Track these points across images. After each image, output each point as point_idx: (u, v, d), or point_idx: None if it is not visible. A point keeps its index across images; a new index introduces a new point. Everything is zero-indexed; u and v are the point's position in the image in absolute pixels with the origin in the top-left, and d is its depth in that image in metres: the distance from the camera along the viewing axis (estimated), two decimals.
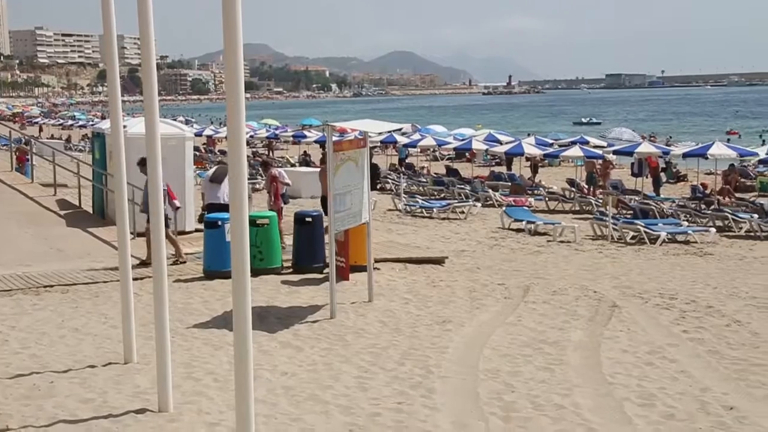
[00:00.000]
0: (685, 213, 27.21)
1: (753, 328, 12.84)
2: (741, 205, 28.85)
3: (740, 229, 25.21)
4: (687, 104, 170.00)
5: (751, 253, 21.13)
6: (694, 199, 30.53)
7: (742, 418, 8.80)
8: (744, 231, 25.02)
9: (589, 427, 8.49)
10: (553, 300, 14.83)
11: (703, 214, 26.96)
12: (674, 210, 27.71)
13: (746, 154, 32.11)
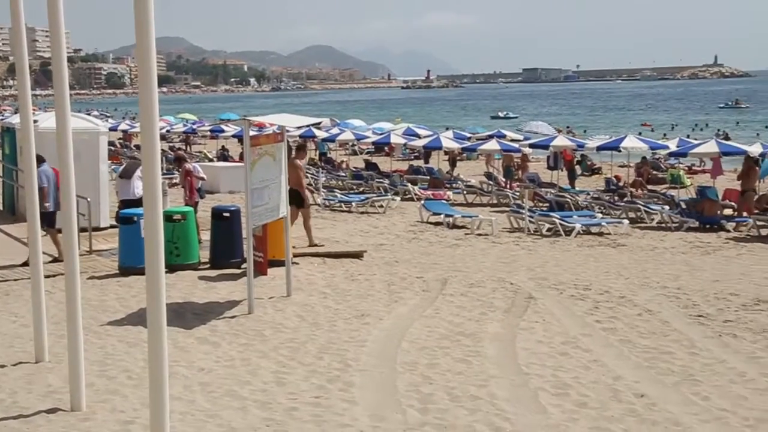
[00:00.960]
0: (599, 205, 27.72)
1: (663, 317, 13.14)
2: (653, 197, 29.49)
3: (652, 221, 25.77)
4: (601, 98, 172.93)
5: (662, 244, 21.61)
6: (608, 191, 31.09)
7: (652, 405, 9.00)
8: (655, 222, 25.58)
9: (505, 416, 8.60)
10: (471, 292, 14.97)
11: (616, 206, 27.50)
12: (589, 202, 28.20)
13: (657, 147, 32.80)
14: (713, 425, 8.43)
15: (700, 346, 11.49)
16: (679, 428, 8.32)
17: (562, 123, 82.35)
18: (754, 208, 24.58)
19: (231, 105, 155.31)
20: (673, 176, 35.83)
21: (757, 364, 10.64)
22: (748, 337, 11.95)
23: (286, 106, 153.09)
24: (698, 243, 21.73)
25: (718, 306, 13.92)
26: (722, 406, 8.99)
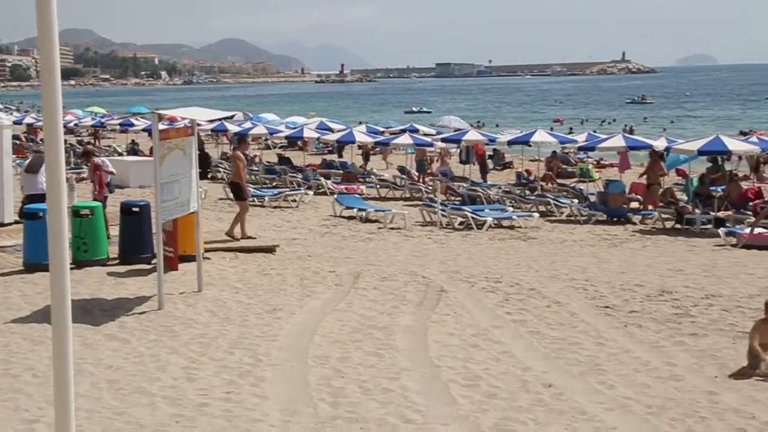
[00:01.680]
0: (510, 199, 28.09)
1: (571, 309, 13.39)
2: (562, 190, 30.00)
3: (561, 214, 26.21)
4: (512, 93, 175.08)
5: (571, 237, 22.00)
6: (519, 185, 31.52)
7: (559, 394, 9.17)
8: (565, 215, 26.03)
9: (416, 409, 8.67)
10: (383, 286, 15.04)
11: (527, 199, 27.89)
12: (500, 196, 28.56)
13: (566, 142, 33.33)
14: (617, 413, 8.63)
15: (606, 337, 11.74)
16: (585, 417, 8.49)
17: (474, 117, 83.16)
18: (659, 201, 25.17)
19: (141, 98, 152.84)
20: (582, 170, 36.46)
21: (660, 353, 10.92)
22: (653, 327, 12.25)
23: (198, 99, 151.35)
24: (606, 235, 22.18)
25: (624, 297, 14.24)
26: (626, 394, 9.20)
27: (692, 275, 16.29)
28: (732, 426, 8.26)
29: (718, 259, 18.32)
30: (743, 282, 15.54)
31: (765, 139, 28.98)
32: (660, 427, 8.24)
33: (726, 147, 23.62)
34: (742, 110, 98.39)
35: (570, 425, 8.28)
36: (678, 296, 14.27)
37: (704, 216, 23.07)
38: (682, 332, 11.98)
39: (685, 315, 12.99)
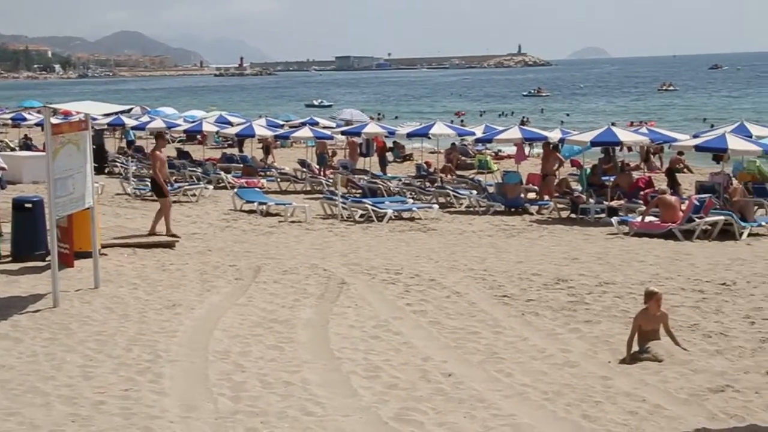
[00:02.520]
0: (410, 191, 28.27)
1: (470, 299, 13.58)
2: (461, 182, 30.31)
3: (461, 205, 26.51)
4: (412, 86, 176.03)
5: (470, 228, 22.27)
6: (419, 177, 31.73)
7: (459, 383, 9.31)
8: (464, 207, 26.33)
9: (317, 401, 8.70)
10: (284, 279, 15.01)
11: (427, 191, 28.12)
12: (400, 188, 28.72)
13: (465, 134, 33.71)
14: (515, 400, 8.81)
15: (504, 325, 11.95)
16: (484, 404, 8.64)
17: (374, 110, 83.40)
18: (554, 191, 25.66)
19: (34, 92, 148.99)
20: (481, 162, 36.91)
21: (556, 341, 11.17)
22: (549, 315, 12.52)
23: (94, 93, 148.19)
24: (504, 226, 22.51)
25: (521, 286, 14.50)
26: (524, 381, 9.40)
27: (587, 263, 16.67)
28: (624, 409, 8.51)
29: (611, 247, 18.79)
30: (635, 269, 15.98)
31: (654, 129, 29.76)
32: (556, 413, 8.44)
33: (617, 138, 24.21)
34: (632, 102, 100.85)
35: (469, 413, 8.41)
36: (573, 284, 14.60)
37: (598, 205, 23.63)
38: (577, 319, 12.28)
39: (580, 302, 13.30)
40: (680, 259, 17.08)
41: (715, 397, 8.84)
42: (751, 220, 20.69)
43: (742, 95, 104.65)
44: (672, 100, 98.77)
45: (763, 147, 23.10)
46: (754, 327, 11.68)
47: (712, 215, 20.28)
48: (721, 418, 8.23)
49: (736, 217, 20.29)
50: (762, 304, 12.65)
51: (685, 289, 14.13)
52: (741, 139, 23.18)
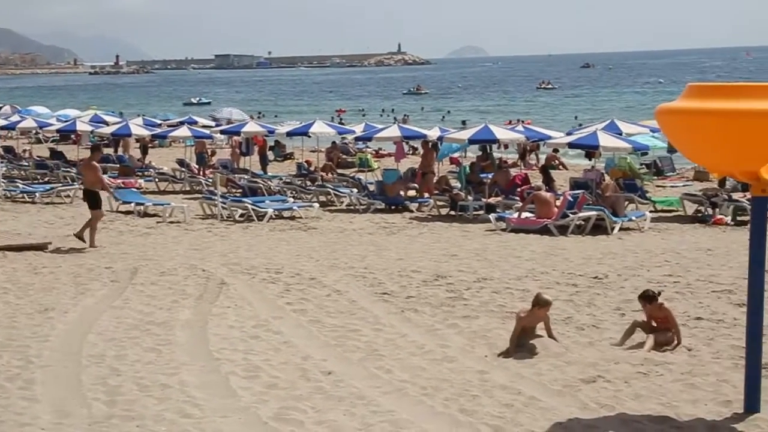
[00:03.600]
0: (291, 189, 28.17)
1: (351, 296, 13.63)
2: (342, 180, 30.35)
3: (341, 204, 26.56)
4: (293, 84, 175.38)
5: (350, 226, 22.33)
6: (300, 175, 31.64)
7: (339, 381, 9.34)
8: (345, 205, 26.38)
9: (195, 403, 8.59)
10: (162, 281, 14.78)
11: (307, 190, 28.07)
12: (281, 187, 28.58)
13: (345, 132, 33.75)
14: (394, 396, 8.88)
15: (384, 322, 12.03)
16: (363, 402, 8.69)
17: (254, 109, 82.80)
18: (434, 188, 25.95)
19: None
20: (362, 160, 37.06)
21: (435, 336, 11.30)
22: (428, 311, 12.66)
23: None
24: (384, 224, 22.65)
25: (401, 283, 14.63)
26: (403, 377, 9.49)
27: (465, 260, 16.92)
28: (500, 402, 8.68)
29: (489, 243, 19.12)
30: (512, 265, 16.30)
31: (530, 127, 30.45)
32: (434, 408, 8.54)
33: (494, 135, 24.64)
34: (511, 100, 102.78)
35: (348, 411, 8.44)
36: (452, 280, 14.81)
37: (476, 202, 24.00)
38: (455, 315, 12.45)
39: (458, 298, 13.50)
40: (555, 254, 17.50)
41: (587, 387, 9.09)
42: (622, 215, 21.31)
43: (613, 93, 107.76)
44: (549, 98, 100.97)
45: (632, 144, 23.86)
46: (624, 319, 12.05)
47: (585, 211, 20.83)
48: (592, 408, 8.47)
49: (608, 212, 20.89)
50: (631, 297, 13.04)
51: (560, 283, 14.50)
52: (612, 136, 23.89)
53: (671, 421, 8.15)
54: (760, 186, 7.94)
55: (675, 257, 16.87)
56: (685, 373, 9.55)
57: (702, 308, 12.59)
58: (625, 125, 27.93)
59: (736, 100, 7.51)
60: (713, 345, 10.67)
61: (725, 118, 7.49)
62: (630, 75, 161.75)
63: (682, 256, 16.93)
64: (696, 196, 24.13)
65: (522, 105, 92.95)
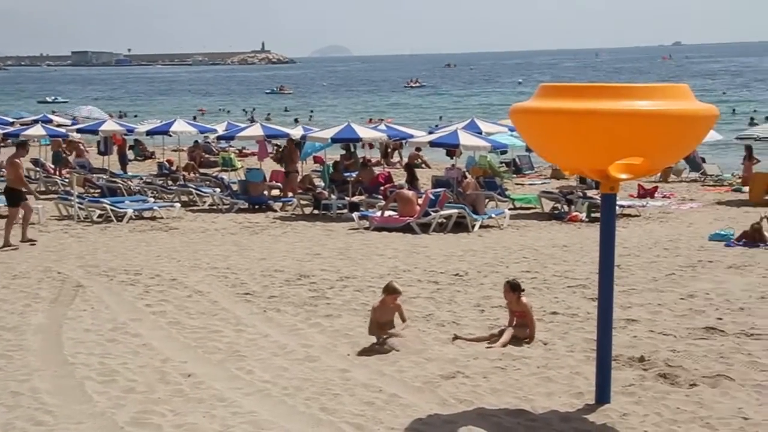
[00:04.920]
0: (152, 189, 27.64)
1: (212, 297, 13.46)
2: (205, 180, 29.95)
3: (204, 203, 26.21)
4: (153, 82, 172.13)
5: (213, 226, 22.06)
6: (161, 175, 31.08)
7: (199, 383, 9.20)
8: (207, 205, 26.05)
9: (47, 410, 8.33)
10: (14, 284, 14.29)
11: (169, 190, 27.59)
12: (142, 187, 28.01)
13: (206, 131, 33.30)
14: (255, 397, 8.81)
15: (246, 323, 11.93)
16: (224, 403, 8.59)
17: (114, 107, 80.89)
18: (297, 188, 25.88)
19: None
20: (225, 159, 36.67)
21: (297, 336, 11.27)
22: (291, 311, 12.62)
23: None
24: (247, 223, 22.47)
25: (264, 283, 14.53)
26: (264, 378, 9.42)
27: (329, 258, 16.94)
28: (361, 400, 8.71)
29: (353, 242, 19.19)
30: (375, 263, 16.41)
31: (392, 126, 30.71)
32: (296, 407, 8.51)
33: (357, 134, 24.75)
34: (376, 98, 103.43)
35: (208, 413, 8.33)
36: (315, 279, 14.80)
37: (340, 201, 24.06)
38: (318, 314, 12.44)
39: (321, 297, 13.50)
40: (417, 252, 17.70)
41: (446, 383, 9.22)
42: (482, 213, 21.71)
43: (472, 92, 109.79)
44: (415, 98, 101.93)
45: (492, 143, 24.34)
46: (484, 315, 12.29)
47: (446, 209, 21.14)
48: (451, 403, 8.60)
49: (469, 210, 21.26)
50: (491, 293, 13.32)
51: (422, 281, 14.67)
52: (472, 135, 24.32)
53: (527, 414, 8.35)
54: (609, 184, 8.22)
55: (532, 253, 17.31)
56: (541, 366, 9.80)
57: (557, 303, 12.95)
58: (485, 124, 28.54)
59: (585, 100, 7.74)
60: (567, 339, 10.98)
61: (575, 118, 7.71)
62: (490, 74, 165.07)
63: (540, 253, 17.39)
64: (552, 193, 24.82)
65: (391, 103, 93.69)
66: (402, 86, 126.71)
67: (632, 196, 26.30)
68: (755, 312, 12.17)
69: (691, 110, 7.86)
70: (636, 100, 7.66)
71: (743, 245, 17.58)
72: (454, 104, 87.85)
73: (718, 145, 35.63)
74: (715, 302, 12.76)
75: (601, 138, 7.73)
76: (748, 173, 27.80)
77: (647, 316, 12.06)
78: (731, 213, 23.08)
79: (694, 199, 26.34)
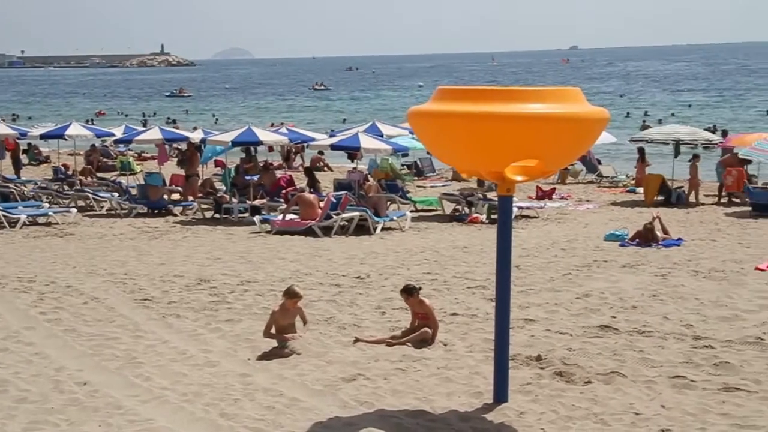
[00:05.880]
0: (47, 194, 26.98)
1: (110, 304, 13.22)
2: (102, 184, 29.39)
3: (102, 208, 25.71)
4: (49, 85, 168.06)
5: (111, 231, 21.63)
6: (57, 180, 30.35)
7: (94, 391, 9.03)
8: (105, 210, 25.56)
9: None
10: None
11: (65, 194, 26.98)
12: (36, 192, 27.33)
13: (103, 135, 32.64)
14: (153, 404, 8.69)
15: (144, 329, 11.75)
16: (121, 411, 8.45)
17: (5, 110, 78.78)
18: (198, 191, 25.58)
19: None
20: (123, 163, 36.00)
21: (197, 341, 11.15)
22: (191, 316, 12.48)
23: None
24: (147, 228, 22.11)
25: (163, 288, 14.34)
26: (163, 384, 9.29)
27: (229, 263, 16.80)
28: (261, 404, 8.67)
29: (254, 246, 19.06)
30: (276, 266, 16.33)
31: (293, 129, 30.56)
32: (194, 413, 8.42)
33: (257, 138, 24.57)
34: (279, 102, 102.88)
35: (104, 421, 8.19)
36: (216, 284, 14.67)
37: (241, 205, 23.87)
38: (218, 319, 12.34)
39: (222, 302, 13.39)
40: (319, 255, 17.68)
41: (347, 386, 9.24)
42: (383, 216, 21.81)
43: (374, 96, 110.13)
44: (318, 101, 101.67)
45: (393, 146, 24.46)
46: (385, 317, 12.36)
47: (348, 211, 21.16)
48: (352, 406, 8.62)
49: (370, 212, 21.32)
50: (392, 295, 13.39)
51: (323, 284, 14.67)
52: (373, 138, 24.39)
53: (427, 415, 8.42)
54: (505, 185, 8.35)
55: (433, 255, 17.45)
56: (441, 367, 9.90)
57: (458, 304, 13.10)
58: (386, 127, 28.66)
59: (480, 103, 7.84)
60: (467, 339, 11.11)
61: (470, 120, 7.81)
62: (393, 78, 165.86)
63: (440, 254, 17.55)
64: (453, 195, 25.05)
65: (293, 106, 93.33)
66: (308, 89, 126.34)
67: (531, 197, 26.75)
68: (647, 310, 12.51)
69: (583, 113, 8.04)
70: (529, 104, 7.81)
71: (636, 245, 18.07)
72: (357, 107, 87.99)
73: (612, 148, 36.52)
74: (610, 301, 13.08)
75: (495, 140, 7.85)
76: (641, 175, 28.53)
77: (544, 315, 12.29)
78: (626, 213, 23.66)
79: (590, 200, 26.91)
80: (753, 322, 11.78)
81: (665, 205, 24.71)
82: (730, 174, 25.34)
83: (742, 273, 15.10)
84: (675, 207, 24.49)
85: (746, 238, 19.21)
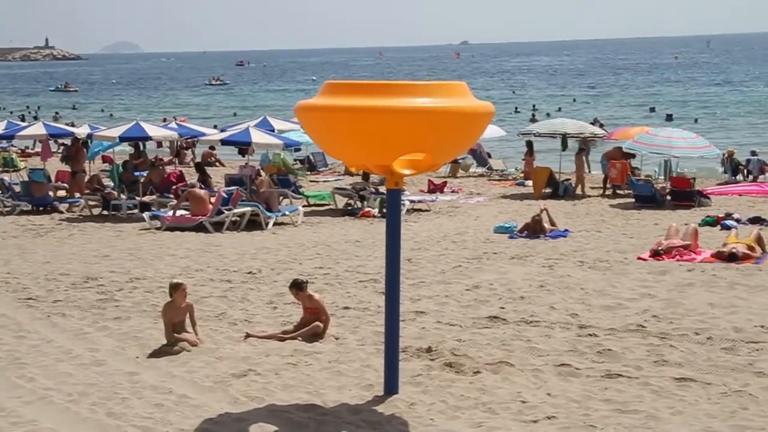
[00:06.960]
0: None
1: None
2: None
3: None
4: None
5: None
6: None
7: None
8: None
9: None
10: None
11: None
12: None
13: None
14: (37, 405, 8.50)
15: (28, 329, 11.47)
16: (3, 413, 8.24)
17: None
18: (85, 188, 25.03)
19: None
20: (5, 159, 34.99)
21: (84, 340, 10.93)
22: (77, 315, 12.22)
23: None
24: (31, 226, 21.50)
25: (48, 287, 14.00)
26: (47, 385, 9.09)
27: (118, 260, 16.50)
28: (150, 402, 8.55)
29: (144, 242, 18.75)
30: (166, 263, 16.11)
31: (184, 125, 30.18)
32: (80, 414, 8.27)
33: (146, 133, 24.17)
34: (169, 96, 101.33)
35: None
36: (103, 282, 14.40)
37: (130, 201, 23.43)
38: (106, 317, 12.11)
39: (110, 300, 13.14)
40: (210, 251, 17.50)
41: (238, 382, 9.19)
42: (276, 210, 21.71)
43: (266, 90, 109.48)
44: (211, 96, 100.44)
45: (284, 140, 24.37)
46: (276, 312, 12.33)
47: (240, 207, 20.99)
48: (242, 402, 8.58)
49: (263, 207, 21.20)
50: (283, 290, 13.33)
51: (214, 280, 14.54)
52: (264, 133, 24.26)
53: (318, 409, 8.44)
54: (394, 179, 8.42)
55: (326, 249, 17.47)
56: (332, 361, 9.93)
57: (349, 298, 13.15)
58: (277, 122, 28.54)
59: (366, 97, 7.89)
60: (359, 332, 11.17)
61: (356, 115, 7.85)
62: (285, 72, 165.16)
63: (333, 249, 17.57)
64: (346, 189, 25.09)
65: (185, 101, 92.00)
66: (204, 84, 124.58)
67: (423, 191, 27.00)
68: (534, 300, 12.78)
69: (468, 107, 8.16)
70: (415, 98, 7.88)
71: (525, 236, 18.43)
72: (248, 102, 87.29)
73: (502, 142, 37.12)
74: (498, 292, 13.31)
75: (382, 134, 7.90)
76: (529, 168, 29.09)
77: (435, 307, 12.44)
78: (515, 206, 24.07)
79: (481, 193, 27.28)
80: (635, 310, 12.14)
81: (553, 197, 25.24)
82: (614, 167, 26.04)
83: (625, 263, 15.55)
84: (562, 199, 25.03)
85: (629, 228, 19.78)
